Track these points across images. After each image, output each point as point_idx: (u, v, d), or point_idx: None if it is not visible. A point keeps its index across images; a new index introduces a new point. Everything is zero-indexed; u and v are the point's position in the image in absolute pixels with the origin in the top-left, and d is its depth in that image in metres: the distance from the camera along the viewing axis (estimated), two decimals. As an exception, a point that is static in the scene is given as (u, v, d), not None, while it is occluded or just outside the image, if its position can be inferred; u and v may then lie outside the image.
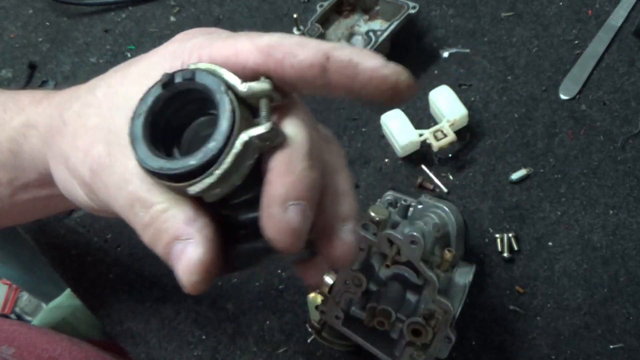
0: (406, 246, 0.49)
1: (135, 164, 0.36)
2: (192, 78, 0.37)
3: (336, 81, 0.38)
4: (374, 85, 0.37)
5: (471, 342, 0.61)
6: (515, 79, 0.73)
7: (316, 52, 0.37)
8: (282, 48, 0.37)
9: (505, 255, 0.63)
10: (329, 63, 0.37)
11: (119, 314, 0.65)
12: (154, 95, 0.36)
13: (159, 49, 0.42)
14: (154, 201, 0.37)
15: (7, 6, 0.84)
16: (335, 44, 0.37)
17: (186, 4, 0.82)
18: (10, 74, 0.79)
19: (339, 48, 0.37)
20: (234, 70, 0.37)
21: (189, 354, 0.63)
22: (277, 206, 0.34)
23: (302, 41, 0.38)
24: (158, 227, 0.37)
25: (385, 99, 0.38)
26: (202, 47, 0.40)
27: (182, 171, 0.34)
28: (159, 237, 0.38)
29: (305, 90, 0.39)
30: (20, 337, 0.57)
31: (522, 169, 0.67)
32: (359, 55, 0.37)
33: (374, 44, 0.69)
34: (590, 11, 0.76)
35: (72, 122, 0.43)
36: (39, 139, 0.45)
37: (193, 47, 0.40)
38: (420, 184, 0.68)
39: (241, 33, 0.40)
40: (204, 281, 0.35)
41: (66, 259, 0.68)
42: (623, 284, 0.62)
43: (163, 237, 0.37)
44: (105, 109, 0.41)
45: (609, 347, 0.60)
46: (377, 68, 0.37)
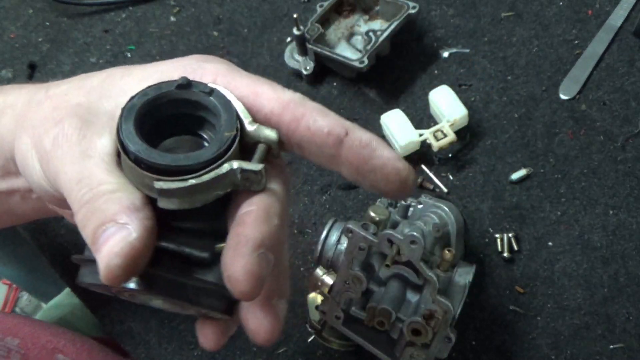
0: (406, 246, 0.49)
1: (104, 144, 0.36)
2: (209, 93, 0.36)
3: (347, 158, 0.38)
4: (385, 173, 0.39)
5: (471, 342, 0.61)
6: (515, 79, 0.73)
7: (337, 124, 0.38)
8: (304, 109, 0.38)
9: (505, 255, 0.63)
10: (346, 138, 0.38)
11: (119, 313, 0.65)
12: (165, 89, 0.36)
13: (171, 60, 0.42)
14: (105, 180, 0.35)
15: (7, 6, 0.84)
16: (355, 125, 0.38)
17: (186, 4, 0.82)
18: (10, 74, 0.79)
19: (359, 129, 0.38)
20: (248, 110, 0.38)
21: (188, 353, 0.63)
22: (251, 248, 0.34)
23: (324, 109, 0.39)
24: (97, 206, 0.35)
25: (388, 190, 0.40)
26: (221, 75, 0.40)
27: (162, 163, 0.33)
28: (93, 216, 0.35)
29: (308, 155, 0.40)
30: (24, 329, 0.58)
31: (522, 169, 0.67)
32: (378, 142, 0.39)
33: (374, 44, 0.69)
34: (590, 11, 0.76)
35: (56, 97, 0.41)
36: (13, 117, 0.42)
37: (212, 70, 0.40)
38: (420, 184, 0.68)
39: (262, 78, 0.41)
40: (126, 270, 0.32)
41: (66, 259, 0.68)
42: (623, 284, 0.62)
43: (98, 216, 0.35)
44: (96, 95, 0.41)
45: (609, 347, 0.60)
46: (393, 159, 0.39)
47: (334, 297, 0.53)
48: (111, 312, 0.65)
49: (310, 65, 0.73)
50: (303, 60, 0.73)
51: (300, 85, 0.75)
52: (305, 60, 0.73)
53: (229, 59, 0.79)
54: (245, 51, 0.77)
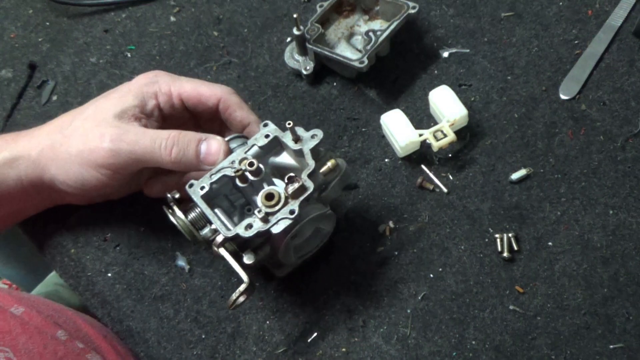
0: (307, 136, 0.56)
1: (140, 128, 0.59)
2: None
3: (247, 132, 0.64)
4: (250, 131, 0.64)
5: (471, 342, 0.61)
6: (515, 79, 0.73)
7: (245, 117, 0.63)
8: (230, 102, 0.62)
9: (505, 255, 0.63)
10: (247, 127, 0.64)
11: (119, 313, 0.65)
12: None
13: (129, 84, 0.62)
14: (170, 132, 0.58)
15: (7, 6, 0.84)
16: (255, 119, 0.63)
17: (186, 4, 0.82)
18: (10, 74, 0.79)
19: (255, 124, 0.63)
20: (199, 105, 0.63)
21: (188, 353, 0.63)
22: None
23: (242, 104, 0.63)
24: (183, 141, 0.57)
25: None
26: (172, 84, 0.62)
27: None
28: (187, 146, 0.57)
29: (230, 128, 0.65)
30: (29, 300, 0.60)
31: (522, 169, 0.67)
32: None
33: (374, 44, 0.69)
34: (590, 11, 0.76)
35: (74, 131, 0.60)
36: (29, 164, 0.60)
37: (165, 81, 0.62)
38: (420, 184, 0.68)
39: (198, 80, 0.64)
40: (225, 153, 0.57)
41: (65, 259, 0.68)
42: (623, 284, 0.62)
43: (191, 144, 0.57)
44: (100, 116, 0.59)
45: (609, 347, 0.60)
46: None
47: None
48: (111, 312, 0.65)
49: (310, 65, 0.73)
50: (303, 60, 0.73)
51: (300, 85, 0.75)
52: (305, 60, 0.73)
53: (229, 59, 0.79)
54: (245, 51, 0.77)
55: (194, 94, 0.62)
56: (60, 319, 0.59)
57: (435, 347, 0.61)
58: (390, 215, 0.67)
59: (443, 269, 0.64)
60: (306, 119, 0.73)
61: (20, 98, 0.77)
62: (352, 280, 0.64)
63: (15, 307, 0.56)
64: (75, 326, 0.60)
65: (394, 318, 0.62)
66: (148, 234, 0.68)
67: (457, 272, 0.64)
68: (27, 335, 0.54)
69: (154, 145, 0.57)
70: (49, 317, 0.57)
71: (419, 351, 0.61)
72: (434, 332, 0.62)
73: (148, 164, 0.58)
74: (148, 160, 0.58)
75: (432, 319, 0.62)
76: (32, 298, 0.62)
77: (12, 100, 0.77)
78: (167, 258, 0.67)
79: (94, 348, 0.58)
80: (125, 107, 0.59)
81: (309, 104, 0.74)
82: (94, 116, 0.60)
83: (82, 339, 0.58)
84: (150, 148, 0.57)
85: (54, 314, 0.59)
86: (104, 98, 0.62)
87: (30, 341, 0.53)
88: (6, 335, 0.53)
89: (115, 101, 0.60)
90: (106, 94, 0.62)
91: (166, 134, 0.57)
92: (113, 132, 0.57)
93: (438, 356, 0.61)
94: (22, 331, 0.54)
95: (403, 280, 0.64)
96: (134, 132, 0.58)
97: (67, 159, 0.59)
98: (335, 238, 0.66)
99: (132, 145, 0.57)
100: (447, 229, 0.66)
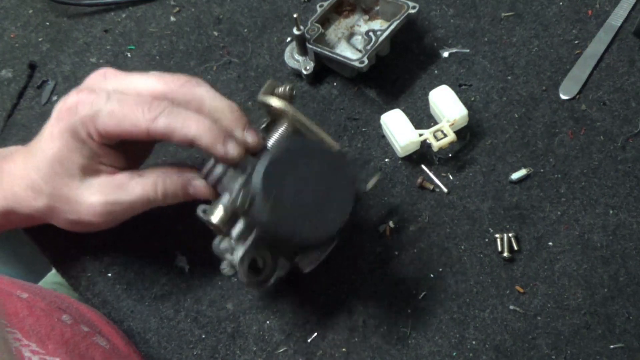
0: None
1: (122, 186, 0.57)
2: None
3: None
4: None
5: (471, 342, 0.61)
6: (515, 79, 0.73)
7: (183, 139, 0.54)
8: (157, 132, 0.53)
9: (505, 255, 0.63)
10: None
11: (119, 313, 0.65)
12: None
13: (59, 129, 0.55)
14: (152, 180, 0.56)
15: (7, 6, 0.84)
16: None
17: (186, 4, 0.82)
18: (10, 74, 0.79)
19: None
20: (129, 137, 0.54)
21: (188, 353, 0.63)
22: None
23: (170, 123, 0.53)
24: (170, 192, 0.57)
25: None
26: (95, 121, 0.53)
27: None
28: (176, 194, 0.57)
29: None
30: (31, 287, 0.60)
31: (522, 169, 0.67)
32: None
33: (374, 44, 0.69)
34: (590, 11, 0.76)
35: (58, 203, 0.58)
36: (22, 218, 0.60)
37: (87, 120, 0.53)
38: (421, 184, 0.68)
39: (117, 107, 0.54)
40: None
41: (66, 259, 0.68)
42: (623, 284, 0.62)
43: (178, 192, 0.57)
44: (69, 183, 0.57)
45: (609, 347, 0.60)
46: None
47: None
48: (111, 312, 0.65)
49: (310, 65, 0.73)
50: (303, 60, 0.73)
51: (300, 85, 0.75)
52: (305, 60, 0.73)
53: (229, 59, 0.79)
54: (245, 51, 0.77)
55: (118, 131, 0.53)
56: (64, 305, 0.59)
57: (435, 347, 0.61)
58: (390, 215, 0.67)
59: (443, 269, 0.64)
60: (306, 119, 0.73)
61: (20, 98, 0.77)
62: (352, 280, 0.64)
63: (20, 293, 0.56)
64: (79, 312, 0.60)
65: (394, 318, 0.62)
66: (148, 234, 0.68)
67: (457, 272, 0.64)
68: (34, 318, 0.54)
69: (147, 200, 0.56)
70: (52, 303, 0.58)
71: (419, 351, 0.61)
72: (434, 332, 0.62)
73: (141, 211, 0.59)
74: (141, 210, 0.58)
75: (432, 319, 0.62)
76: (34, 286, 0.62)
77: (12, 100, 0.77)
78: (167, 258, 0.67)
79: (99, 332, 0.59)
80: (82, 164, 0.55)
81: (309, 104, 0.74)
82: (61, 184, 0.56)
83: (87, 324, 0.59)
84: (143, 204, 0.57)
85: (57, 300, 0.59)
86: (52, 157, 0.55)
87: (37, 323, 0.54)
88: (13, 317, 0.53)
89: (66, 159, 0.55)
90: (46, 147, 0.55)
91: (151, 183, 0.56)
92: (101, 202, 0.56)
93: (438, 356, 0.61)
94: (29, 313, 0.54)
95: (403, 280, 0.64)
96: (121, 192, 0.56)
97: (62, 222, 0.59)
98: (335, 238, 0.66)
99: (126, 208, 0.57)
100: (447, 229, 0.66)
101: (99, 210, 0.57)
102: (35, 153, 0.56)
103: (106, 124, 0.53)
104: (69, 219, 0.58)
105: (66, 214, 0.58)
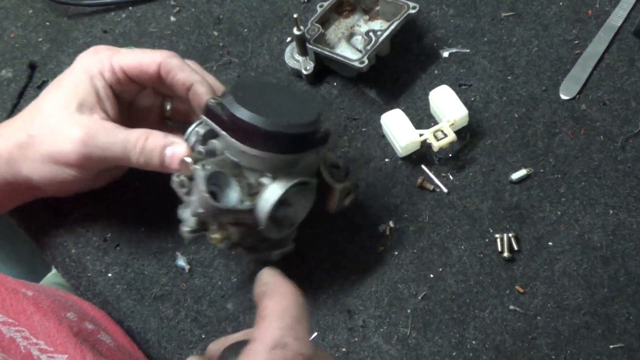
0: None
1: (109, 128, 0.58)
2: None
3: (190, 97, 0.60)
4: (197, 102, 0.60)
5: (471, 342, 0.61)
6: (515, 79, 0.73)
7: (187, 78, 0.59)
8: (170, 66, 0.59)
9: (505, 255, 0.63)
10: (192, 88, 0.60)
11: (119, 313, 0.65)
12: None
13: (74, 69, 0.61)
14: (137, 134, 0.57)
15: (7, 6, 0.84)
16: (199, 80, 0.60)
17: (186, 4, 0.82)
18: (10, 74, 0.79)
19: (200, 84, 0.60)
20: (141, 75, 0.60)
21: (188, 353, 0.63)
22: None
23: (183, 66, 0.60)
24: (148, 147, 0.57)
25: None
26: (114, 58, 0.60)
27: None
28: (152, 152, 0.57)
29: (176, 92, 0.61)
30: (35, 286, 0.60)
31: (522, 169, 0.67)
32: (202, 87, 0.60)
33: (374, 44, 0.69)
34: (590, 11, 0.76)
35: (39, 131, 0.59)
36: (1, 165, 0.59)
37: (105, 59, 0.60)
38: (421, 184, 0.68)
39: (139, 50, 0.61)
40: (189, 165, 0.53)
41: (66, 259, 0.68)
42: (623, 284, 0.62)
43: (155, 151, 0.57)
44: (62, 112, 0.58)
45: (609, 347, 0.60)
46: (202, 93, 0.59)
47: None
48: (111, 312, 0.65)
49: (310, 65, 0.73)
50: (303, 60, 0.73)
51: (300, 85, 0.75)
52: (305, 60, 0.73)
53: (229, 59, 0.80)
54: (245, 51, 0.77)
55: (134, 64, 0.60)
56: (67, 303, 0.60)
57: (435, 347, 0.61)
58: (390, 215, 0.67)
59: (443, 269, 0.64)
60: (306, 119, 0.73)
61: (20, 98, 0.77)
62: (352, 280, 0.64)
63: (25, 290, 0.56)
64: (82, 310, 0.60)
65: (394, 318, 0.62)
66: (148, 234, 0.68)
67: (457, 272, 0.64)
68: (41, 313, 0.54)
69: (125, 149, 0.57)
70: (57, 301, 0.58)
71: (419, 351, 0.61)
72: (434, 332, 0.62)
73: (118, 164, 0.59)
74: (118, 162, 0.58)
75: (432, 319, 0.62)
76: (37, 285, 0.63)
77: (12, 100, 0.77)
78: (167, 258, 0.67)
79: (103, 329, 0.59)
80: (82, 99, 0.59)
81: (309, 104, 0.74)
82: (53, 112, 0.59)
83: (91, 321, 0.59)
84: (121, 153, 0.57)
85: (61, 299, 0.60)
86: (57, 89, 0.60)
87: (45, 318, 0.54)
88: (21, 314, 0.53)
89: (69, 92, 0.59)
90: (56, 83, 0.61)
91: (135, 136, 0.57)
92: (83, 135, 0.57)
93: (438, 356, 0.61)
94: (36, 309, 0.54)
95: (403, 280, 0.64)
96: (104, 134, 0.57)
97: (38, 160, 0.59)
98: (335, 238, 0.66)
99: (104, 150, 0.57)
100: (447, 229, 0.66)
101: (77, 147, 0.57)
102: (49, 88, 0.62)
103: (125, 58, 0.60)
104: (44, 152, 0.58)
105: (43, 144, 0.58)
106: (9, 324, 0.51)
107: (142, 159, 0.57)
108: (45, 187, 0.61)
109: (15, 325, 0.51)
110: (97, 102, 0.59)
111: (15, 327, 0.51)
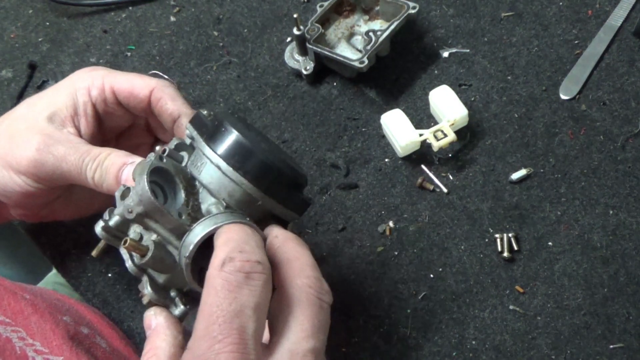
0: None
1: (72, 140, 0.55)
2: None
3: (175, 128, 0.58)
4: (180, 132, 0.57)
5: (471, 342, 0.61)
6: (515, 79, 0.73)
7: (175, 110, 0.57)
8: (162, 94, 0.57)
9: (505, 255, 0.63)
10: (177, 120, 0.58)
11: (119, 313, 0.65)
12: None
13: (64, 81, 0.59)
14: (100, 149, 0.54)
15: (7, 6, 0.84)
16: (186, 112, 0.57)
17: (186, 4, 0.82)
18: (10, 74, 0.79)
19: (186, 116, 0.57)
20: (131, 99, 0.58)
21: (188, 353, 0.63)
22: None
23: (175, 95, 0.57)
24: (106, 164, 0.52)
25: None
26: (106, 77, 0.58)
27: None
28: (109, 168, 0.52)
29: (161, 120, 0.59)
30: (32, 289, 0.60)
31: (522, 169, 0.67)
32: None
33: (374, 44, 0.69)
34: (590, 11, 0.76)
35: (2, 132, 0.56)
36: None
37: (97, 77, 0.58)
38: (421, 184, 0.68)
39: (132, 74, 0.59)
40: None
41: (67, 259, 0.68)
42: (623, 284, 0.62)
43: (111, 169, 0.52)
44: (31, 118, 0.56)
45: (609, 347, 0.60)
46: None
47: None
48: (111, 312, 0.65)
49: (310, 65, 0.73)
50: (303, 60, 0.74)
51: (300, 85, 0.75)
52: (305, 60, 0.73)
53: (229, 59, 0.79)
54: (245, 51, 0.77)
55: (126, 86, 0.57)
56: (64, 308, 0.60)
57: (435, 347, 0.61)
58: (390, 215, 0.67)
59: (443, 269, 0.64)
60: (306, 119, 0.73)
61: (20, 98, 0.77)
62: (352, 280, 0.64)
63: (23, 293, 0.57)
64: (78, 314, 0.60)
65: (394, 318, 0.62)
66: (148, 234, 0.68)
67: (457, 272, 0.64)
68: (38, 315, 0.54)
69: (81, 164, 0.53)
70: (53, 304, 0.58)
71: (419, 351, 0.61)
72: (434, 332, 0.62)
73: (74, 181, 0.55)
74: (74, 179, 0.54)
75: (432, 319, 0.62)
76: (35, 288, 0.63)
77: (12, 100, 0.77)
78: (167, 258, 0.67)
79: (98, 334, 0.59)
80: (56, 108, 0.56)
81: (309, 104, 0.74)
82: (24, 117, 0.56)
83: (87, 325, 0.59)
84: (76, 167, 0.53)
85: (58, 303, 0.60)
86: (38, 97, 0.58)
87: (41, 320, 0.54)
88: (18, 315, 0.53)
89: (47, 100, 0.57)
90: (46, 90, 0.59)
91: (97, 151, 0.53)
92: (41, 141, 0.54)
93: (438, 356, 0.61)
94: (33, 311, 0.54)
95: (403, 280, 0.64)
96: (64, 144, 0.54)
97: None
98: (335, 237, 0.66)
99: (59, 160, 0.53)
100: (447, 229, 0.66)
101: (30, 153, 0.53)
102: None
103: (118, 79, 0.58)
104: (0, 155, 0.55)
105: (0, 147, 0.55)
106: (6, 323, 0.51)
107: (97, 174, 0.53)
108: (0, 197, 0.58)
109: (12, 325, 0.51)
110: (71, 117, 0.57)
111: (12, 327, 0.51)
